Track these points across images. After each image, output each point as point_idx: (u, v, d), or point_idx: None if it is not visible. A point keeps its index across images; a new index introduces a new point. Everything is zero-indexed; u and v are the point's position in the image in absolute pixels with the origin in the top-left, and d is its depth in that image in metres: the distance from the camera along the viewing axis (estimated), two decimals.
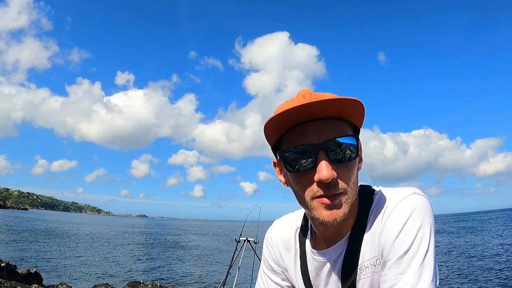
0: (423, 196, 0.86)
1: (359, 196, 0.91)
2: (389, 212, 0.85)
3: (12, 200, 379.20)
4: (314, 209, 0.83)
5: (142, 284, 10.34)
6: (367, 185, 0.97)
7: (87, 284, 12.21)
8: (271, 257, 1.08)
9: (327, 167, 0.78)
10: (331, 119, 0.82)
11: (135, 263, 19.08)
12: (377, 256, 0.86)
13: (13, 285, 6.97)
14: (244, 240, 7.18)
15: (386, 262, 0.82)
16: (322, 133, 0.81)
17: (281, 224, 1.10)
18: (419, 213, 0.82)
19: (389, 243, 0.82)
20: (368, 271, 0.87)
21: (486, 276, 13.50)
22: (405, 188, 0.88)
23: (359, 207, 0.91)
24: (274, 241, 1.08)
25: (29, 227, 44.21)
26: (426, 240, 0.80)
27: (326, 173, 0.78)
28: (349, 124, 0.85)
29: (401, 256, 0.79)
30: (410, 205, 0.83)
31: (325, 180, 0.78)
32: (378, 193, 0.92)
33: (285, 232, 1.07)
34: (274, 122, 0.81)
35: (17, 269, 10.14)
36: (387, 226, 0.84)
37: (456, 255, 19.99)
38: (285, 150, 0.83)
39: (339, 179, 0.80)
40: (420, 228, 0.80)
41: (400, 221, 0.82)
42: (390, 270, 0.81)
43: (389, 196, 0.88)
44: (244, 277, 10.45)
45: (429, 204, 0.85)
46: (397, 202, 0.85)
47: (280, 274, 1.08)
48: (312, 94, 0.84)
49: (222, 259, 21.47)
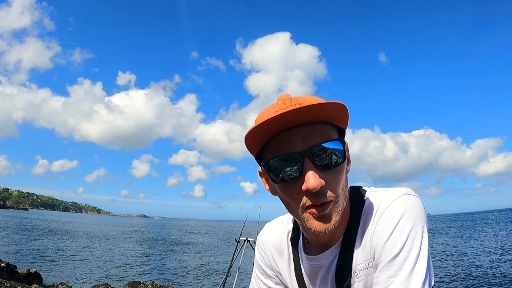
0: (415, 196, 0.84)
1: (350, 199, 0.90)
2: (380, 214, 0.84)
3: (12, 200, 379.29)
4: (306, 220, 0.81)
5: (142, 284, 10.34)
6: (358, 186, 0.95)
7: (87, 284, 12.21)
8: (264, 261, 1.07)
9: (314, 176, 0.75)
10: (315, 124, 0.79)
11: (135, 263, 19.07)
12: (370, 259, 0.85)
13: (13, 285, 6.97)
14: (244, 240, 7.18)
15: (378, 264, 0.81)
16: (306, 139, 0.78)
17: (272, 228, 1.07)
18: (410, 214, 0.80)
19: (380, 245, 0.81)
20: (361, 274, 0.86)
21: (485, 276, 13.50)
22: (396, 189, 0.87)
23: (351, 210, 0.89)
24: (266, 245, 1.06)
25: (29, 227, 44.17)
26: (418, 242, 0.78)
27: (314, 182, 0.75)
28: (333, 127, 0.82)
29: (392, 259, 0.78)
30: (401, 207, 0.81)
31: (313, 190, 0.76)
32: (369, 194, 0.91)
33: (276, 236, 1.05)
34: (255, 133, 0.78)
35: (17, 269, 10.15)
36: (378, 228, 0.83)
37: (456, 255, 19.97)
38: (269, 159, 0.80)
39: (327, 186, 0.78)
40: (411, 230, 0.79)
41: (391, 223, 0.81)
42: (381, 273, 0.80)
43: (380, 198, 0.87)
44: (244, 277, 10.45)
45: (421, 204, 0.83)
46: (388, 204, 0.83)
47: (273, 278, 1.06)
48: (292, 99, 0.81)
49: (222, 259, 21.46)
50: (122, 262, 19.09)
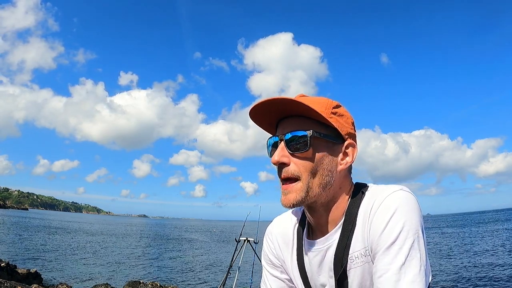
0: (410, 193, 0.92)
1: (353, 192, 1.01)
2: (377, 206, 0.92)
3: (12, 200, 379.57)
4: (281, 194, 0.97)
5: (142, 284, 10.35)
6: (363, 182, 1.05)
7: (87, 284, 12.21)
8: (271, 251, 1.15)
9: (278, 153, 0.94)
10: (299, 117, 0.96)
11: (135, 263, 19.08)
12: (366, 247, 0.93)
13: (13, 285, 6.97)
14: (244, 240, 7.19)
15: (376, 253, 0.89)
16: (286, 127, 0.96)
17: (280, 220, 1.17)
18: (405, 207, 0.88)
19: (377, 235, 0.89)
20: (358, 261, 0.94)
21: (485, 276, 13.50)
22: (394, 185, 0.96)
23: (351, 200, 0.99)
24: (273, 236, 1.15)
25: (29, 227, 44.23)
26: (412, 233, 0.86)
27: (275, 157, 0.94)
28: (315, 122, 0.95)
29: (388, 247, 0.86)
30: (396, 200, 0.90)
31: (273, 163, 0.96)
32: (370, 189, 1.00)
33: (284, 227, 1.14)
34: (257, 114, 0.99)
35: (17, 269, 10.17)
36: (375, 219, 0.91)
37: (456, 255, 19.99)
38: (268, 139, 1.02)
39: (292, 165, 0.94)
40: (406, 221, 0.86)
41: (387, 214, 0.88)
42: (379, 261, 0.87)
43: (379, 192, 0.95)
44: (244, 277, 10.45)
45: (416, 200, 0.91)
46: (384, 197, 0.92)
47: (279, 267, 1.14)
48: (297, 96, 0.97)
49: (222, 259, 21.48)
50: (122, 262, 19.10)
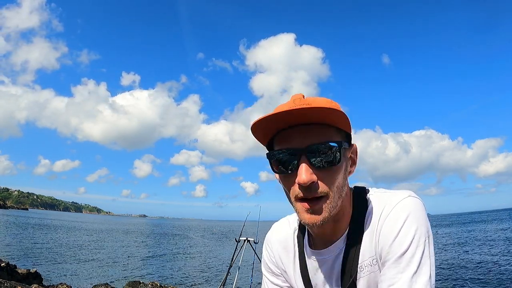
0: (418, 199, 0.90)
1: (354, 197, 0.95)
2: (386, 214, 0.89)
3: (12, 200, 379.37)
4: (298, 211, 0.87)
5: (142, 284, 10.34)
6: (362, 186, 1.00)
7: (87, 284, 12.20)
8: (270, 259, 1.11)
9: (306, 171, 0.82)
10: (317, 125, 0.84)
11: (135, 263, 19.07)
12: (374, 256, 0.90)
13: (13, 285, 6.97)
14: (244, 240, 7.17)
15: (385, 262, 0.86)
16: (306, 138, 0.84)
17: (279, 226, 1.12)
18: (416, 216, 0.86)
19: (387, 244, 0.86)
20: (366, 270, 0.91)
21: (485, 276, 13.50)
22: (400, 191, 0.92)
23: (354, 208, 0.94)
24: (272, 243, 1.10)
25: (29, 227, 44.21)
26: (423, 240, 0.84)
27: (305, 177, 0.81)
28: (337, 130, 0.87)
29: (400, 256, 0.83)
30: (406, 208, 0.87)
31: (303, 184, 0.82)
32: (373, 195, 0.96)
33: (283, 234, 1.09)
34: (262, 125, 0.85)
35: (17, 269, 10.15)
36: (385, 228, 0.87)
37: (456, 254, 19.98)
38: (272, 152, 0.88)
39: (320, 182, 0.83)
40: (417, 230, 0.84)
41: (398, 222, 0.86)
42: (389, 270, 0.84)
43: (386, 199, 0.92)
44: (244, 277, 10.46)
45: (423, 206, 0.89)
46: (394, 204, 0.89)
47: (280, 276, 1.09)
48: (302, 100, 0.87)
49: (222, 259, 21.47)
50: (122, 262, 19.09)
